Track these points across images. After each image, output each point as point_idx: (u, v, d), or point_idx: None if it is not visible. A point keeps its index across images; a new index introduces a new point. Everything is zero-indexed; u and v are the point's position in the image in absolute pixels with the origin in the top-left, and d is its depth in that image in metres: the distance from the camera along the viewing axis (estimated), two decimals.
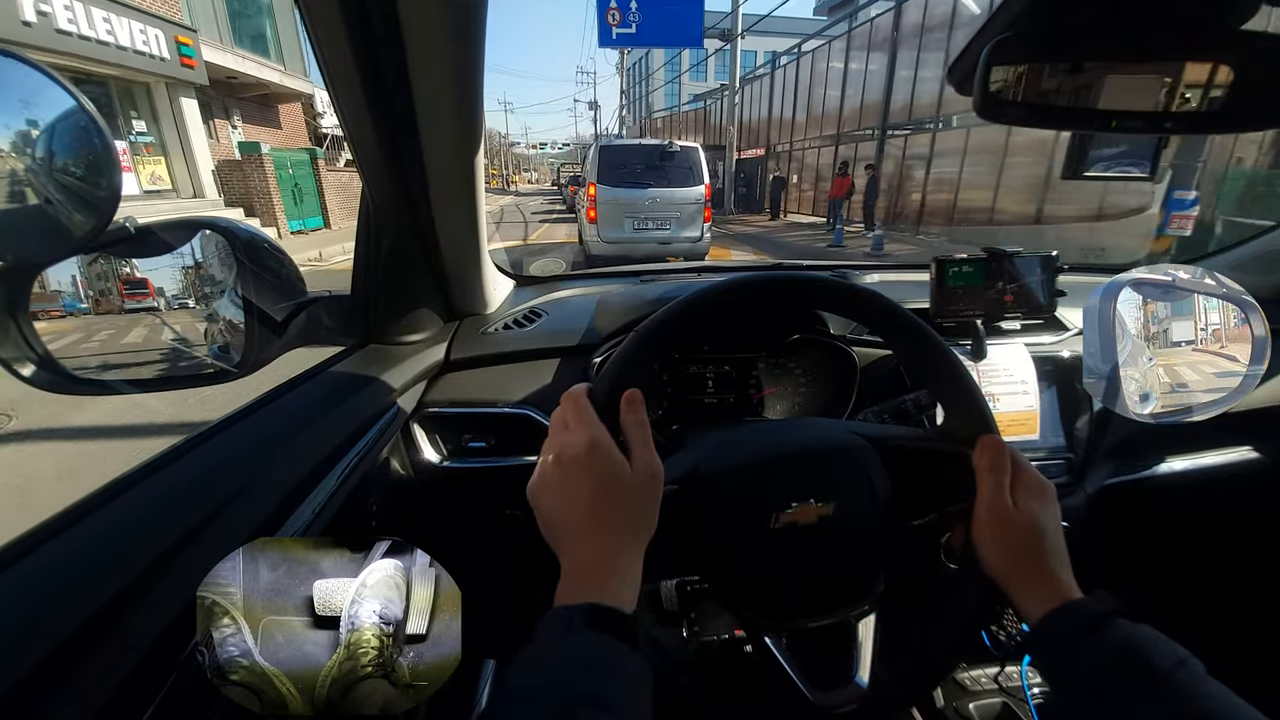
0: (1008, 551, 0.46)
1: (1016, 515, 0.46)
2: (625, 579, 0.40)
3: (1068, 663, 0.40)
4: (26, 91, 0.42)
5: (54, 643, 0.31)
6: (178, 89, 9.68)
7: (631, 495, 0.42)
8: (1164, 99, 0.43)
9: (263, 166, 10.37)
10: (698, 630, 0.91)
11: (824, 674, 0.52)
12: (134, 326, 0.61)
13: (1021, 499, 0.46)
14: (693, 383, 0.94)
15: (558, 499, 0.42)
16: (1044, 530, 0.45)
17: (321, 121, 17.19)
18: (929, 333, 0.51)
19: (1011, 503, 0.46)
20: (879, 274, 1.29)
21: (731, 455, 0.55)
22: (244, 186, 10.48)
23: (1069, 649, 0.40)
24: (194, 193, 10.12)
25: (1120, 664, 0.37)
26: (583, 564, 0.40)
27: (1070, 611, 0.41)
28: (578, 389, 0.46)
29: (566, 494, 0.42)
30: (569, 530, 0.42)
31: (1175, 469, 1.00)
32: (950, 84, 0.49)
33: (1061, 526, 0.47)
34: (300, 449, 0.56)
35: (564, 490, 0.42)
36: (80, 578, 0.35)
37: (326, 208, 12.32)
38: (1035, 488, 0.47)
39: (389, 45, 0.56)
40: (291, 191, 11.15)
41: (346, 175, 13.50)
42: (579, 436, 0.42)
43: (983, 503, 0.47)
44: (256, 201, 10.48)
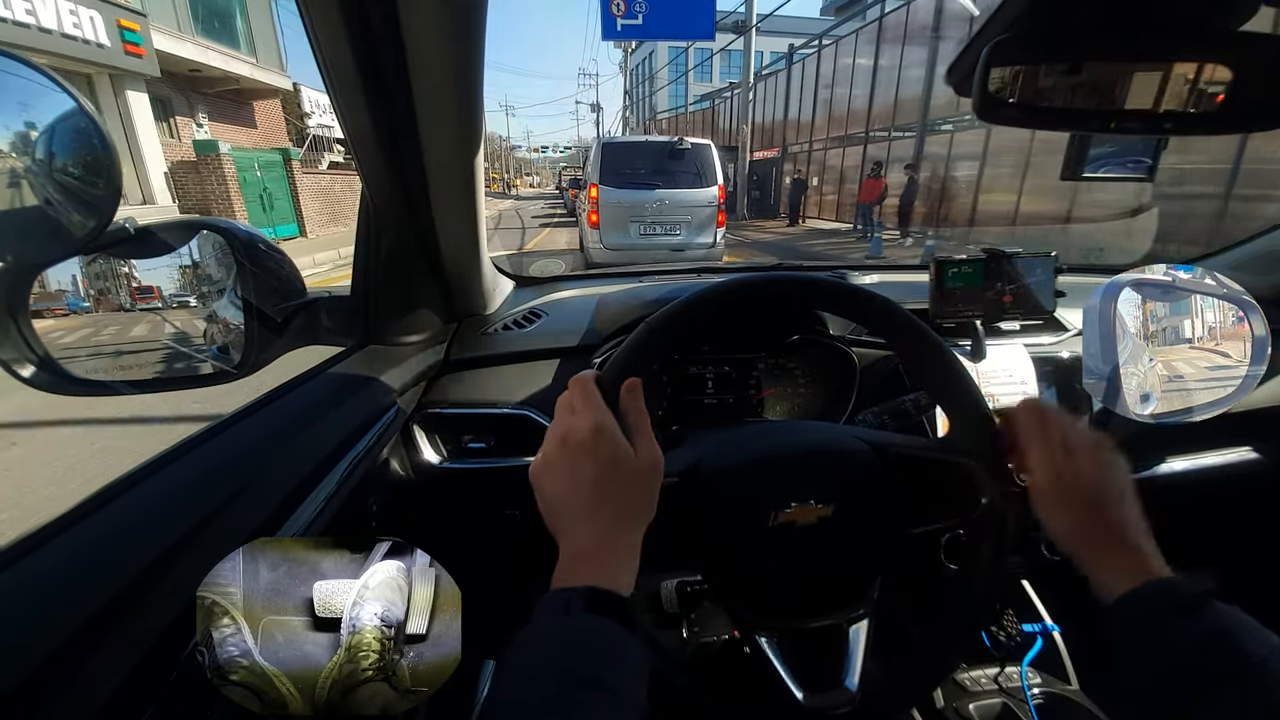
0: (1075, 520, 0.44)
1: (1075, 478, 0.44)
2: (624, 563, 0.40)
3: (1155, 643, 0.38)
4: (26, 92, 0.42)
5: (55, 643, 0.31)
6: (123, 81, 8.59)
7: (633, 481, 0.42)
8: (1163, 100, 0.43)
9: (221, 168, 9.30)
10: (698, 631, 0.91)
11: (815, 676, 0.52)
12: (134, 326, 0.61)
13: (1084, 459, 0.44)
14: (693, 383, 0.94)
15: (560, 481, 0.42)
16: (1109, 489, 0.43)
17: (309, 122, 16.46)
18: (931, 336, 0.51)
19: (1072, 462, 0.44)
20: (878, 274, 1.29)
21: (733, 452, 0.55)
22: (200, 190, 9.39)
23: (1159, 628, 0.38)
24: (143, 198, 9.05)
25: (1212, 648, 0.36)
26: (582, 547, 0.40)
27: (1164, 589, 0.39)
28: (586, 375, 0.46)
29: (569, 477, 0.42)
30: (570, 513, 0.42)
31: (1175, 469, 1.00)
32: (949, 85, 0.49)
33: (1132, 486, 0.44)
34: (300, 449, 0.56)
35: (567, 473, 0.42)
36: (80, 578, 0.35)
37: (302, 214, 11.22)
38: (1091, 445, 0.44)
39: (389, 45, 0.56)
40: (260, 196, 10.12)
41: (329, 179, 12.80)
42: (585, 421, 0.43)
43: (1038, 470, 0.45)
44: (215, 206, 9.35)
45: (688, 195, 6.18)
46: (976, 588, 0.52)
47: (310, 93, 16.22)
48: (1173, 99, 0.43)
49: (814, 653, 0.53)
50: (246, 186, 9.82)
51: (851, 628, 0.53)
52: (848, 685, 0.51)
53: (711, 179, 6.26)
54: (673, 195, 6.14)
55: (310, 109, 16.43)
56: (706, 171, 6.28)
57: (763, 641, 0.53)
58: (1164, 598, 0.39)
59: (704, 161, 6.30)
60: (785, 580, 0.53)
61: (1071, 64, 0.43)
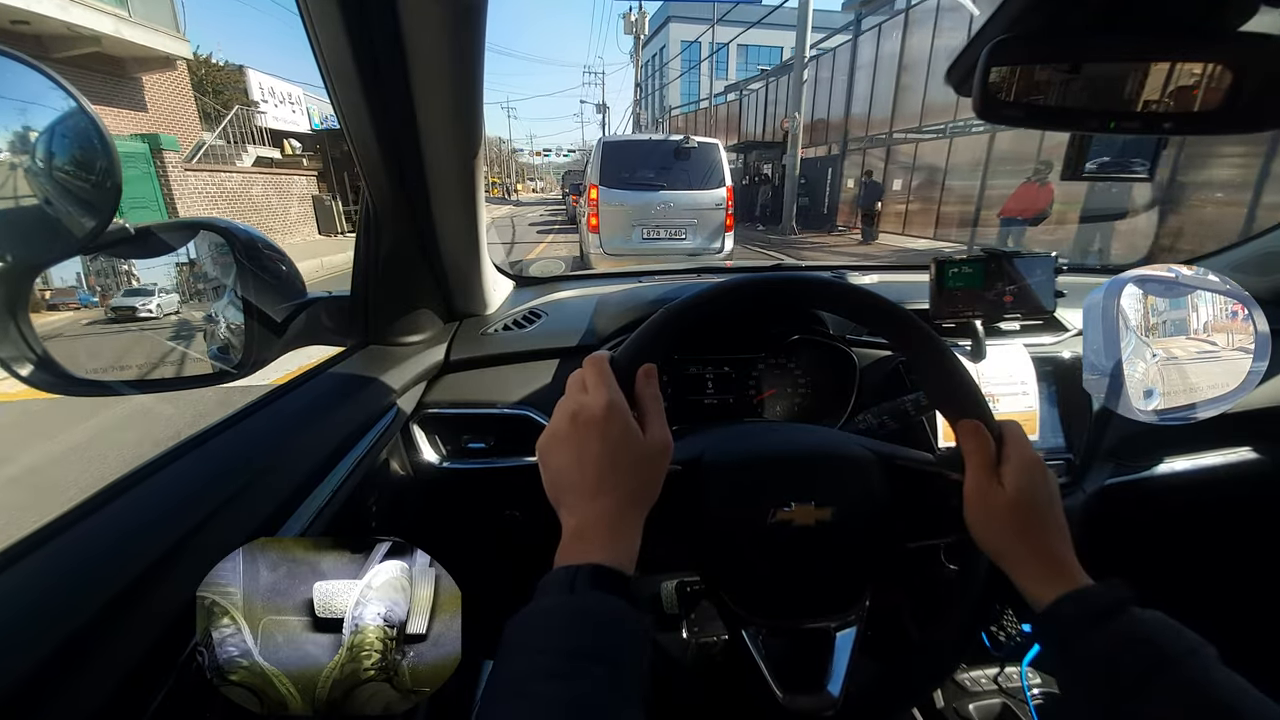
0: (997, 531, 0.45)
1: (1002, 493, 0.45)
2: (627, 542, 0.40)
3: (1076, 650, 0.39)
4: (27, 92, 0.42)
5: (54, 643, 0.31)
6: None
7: (641, 463, 0.43)
8: (1163, 100, 0.43)
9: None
10: (698, 631, 0.91)
11: (799, 677, 0.52)
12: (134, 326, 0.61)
13: (1009, 476, 0.46)
14: (693, 383, 0.95)
15: (568, 457, 0.42)
16: (1034, 505, 0.45)
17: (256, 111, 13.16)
18: (933, 337, 0.51)
19: (997, 480, 0.46)
20: (878, 274, 1.29)
21: (737, 447, 0.55)
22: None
23: (1078, 636, 0.39)
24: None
25: (1131, 651, 0.37)
26: (585, 525, 0.40)
27: (1080, 597, 0.40)
28: (600, 354, 0.46)
29: (577, 453, 0.42)
30: (575, 490, 0.42)
31: (1175, 469, 1.00)
32: (949, 84, 0.49)
33: (1059, 501, 0.46)
34: (300, 449, 0.56)
35: (575, 449, 0.42)
36: (80, 578, 0.35)
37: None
38: (1025, 463, 0.46)
39: (389, 45, 0.56)
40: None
41: (240, 180, 10.05)
42: (597, 399, 0.43)
43: (968, 486, 0.47)
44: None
45: (695, 196, 5.80)
46: (974, 593, 0.52)
47: (262, 78, 13.36)
48: (1172, 99, 0.43)
49: (800, 654, 0.53)
50: None
51: (840, 633, 0.54)
52: (830, 690, 0.51)
53: (720, 179, 5.91)
54: (678, 197, 5.76)
55: (263, 96, 13.47)
56: (715, 172, 5.92)
57: (747, 637, 0.53)
58: (1081, 605, 0.40)
59: (712, 161, 5.95)
60: (778, 579, 0.53)
61: (1072, 63, 0.44)
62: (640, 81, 28.33)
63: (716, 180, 5.89)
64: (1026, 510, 0.45)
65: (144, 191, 8.14)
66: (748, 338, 0.95)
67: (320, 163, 13.75)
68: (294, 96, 15.01)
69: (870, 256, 9.64)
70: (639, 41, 25.48)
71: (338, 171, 13.17)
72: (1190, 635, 0.37)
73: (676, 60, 31.26)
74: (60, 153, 0.44)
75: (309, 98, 15.71)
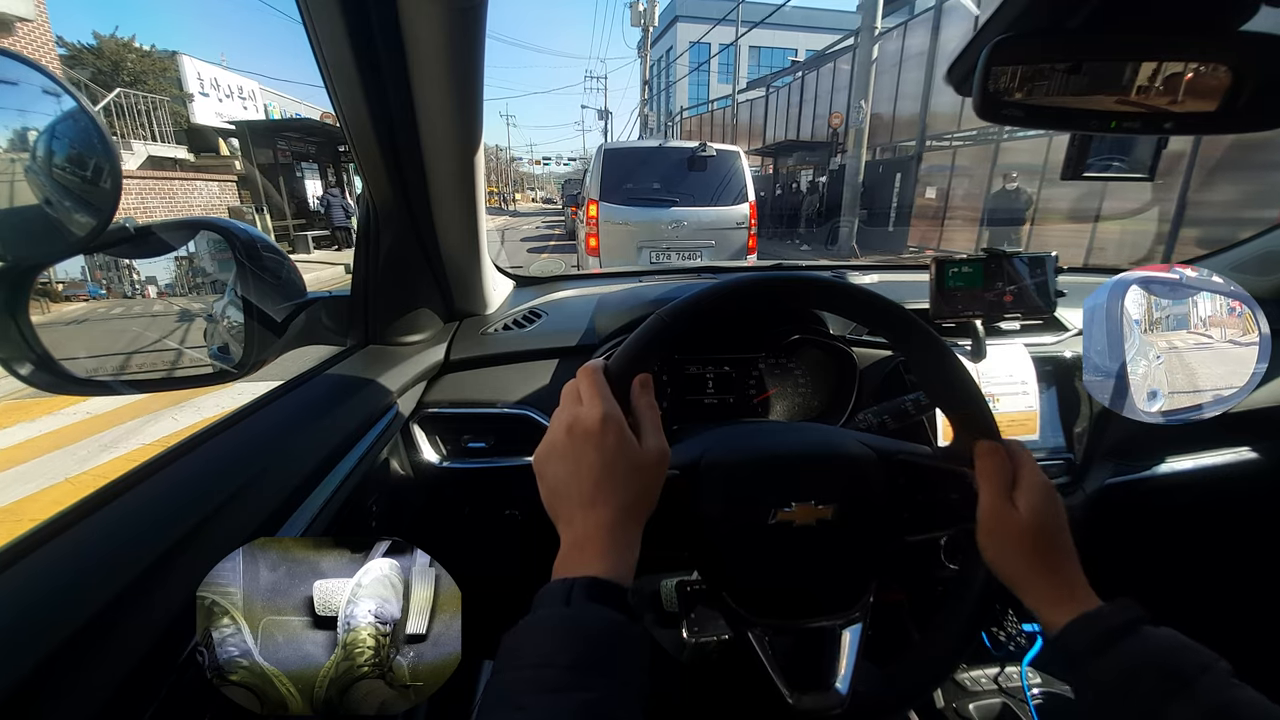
0: (1011, 555, 0.46)
1: (1016, 516, 0.45)
2: (624, 553, 0.40)
3: (1091, 674, 0.40)
4: (26, 92, 0.42)
5: (54, 643, 0.31)
6: None
7: (638, 473, 0.42)
8: (1164, 100, 0.43)
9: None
10: (698, 630, 0.91)
11: (806, 677, 0.52)
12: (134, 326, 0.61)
13: (1022, 499, 0.46)
14: (693, 383, 0.94)
15: (564, 469, 0.42)
16: (1045, 529, 0.45)
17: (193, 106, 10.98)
18: (934, 337, 0.51)
19: (1011, 504, 0.46)
20: (878, 274, 1.29)
21: (737, 448, 0.55)
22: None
23: (1091, 660, 0.39)
24: None
25: (1144, 672, 0.37)
26: (583, 536, 0.40)
27: (1091, 620, 0.41)
28: (594, 364, 0.46)
29: (574, 465, 0.42)
30: (572, 501, 0.42)
31: (1175, 469, 1.00)
32: (949, 84, 0.49)
33: (1067, 525, 0.46)
34: (300, 449, 0.56)
35: (572, 461, 0.42)
36: (80, 578, 0.35)
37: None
38: (1036, 487, 0.47)
39: (389, 45, 0.56)
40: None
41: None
42: (592, 410, 0.43)
43: (983, 508, 0.47)
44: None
45: (711, 214, 4.96)
46: (975, 591, 0.52)
47: (202, 67, 11.31)
48: (1172, 99, 0.43)
49: (806, 654, 0.53)
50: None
51: (845, 631, 0.53)
52: (838, 688, 0.51)
53: (741, 194, 5.07)
54: (692, 214, 4.91)
55: (200, 88, 11.30)
56: (735, 185, 5.06)
57: (753, 638, 0.53)
58: (1093, 628, 0.40)
59: (731, 172, 5.07)
60: (781, 579, 0.53)
61: (1072, 63, 0.43)
62: (648, 80, 25.84)
63: (738, 194, 5.07)
64: (1039, 533, 0.45)
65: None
66: (748, 337, 0.95)
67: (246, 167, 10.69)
68: (246, 90, 13.36)
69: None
70: (647, 34, 23.29)
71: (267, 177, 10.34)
72: (1203, 652, 0.37)
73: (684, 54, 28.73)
74: (60, 152, 0.44)
75: (267, 92, 13.96)
